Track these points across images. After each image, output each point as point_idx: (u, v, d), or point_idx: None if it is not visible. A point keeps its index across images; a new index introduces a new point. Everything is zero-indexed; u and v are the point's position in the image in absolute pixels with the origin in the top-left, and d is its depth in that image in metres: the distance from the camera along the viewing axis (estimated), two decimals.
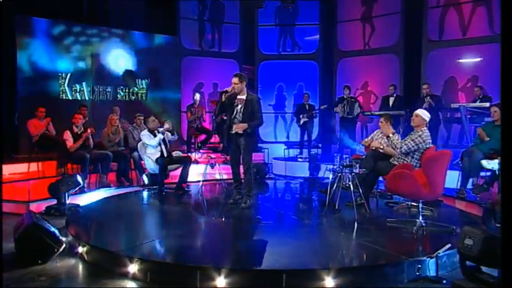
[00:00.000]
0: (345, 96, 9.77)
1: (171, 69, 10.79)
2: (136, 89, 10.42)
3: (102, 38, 10.02)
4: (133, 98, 10.41)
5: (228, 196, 6.11)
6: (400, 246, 4.08)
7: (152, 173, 6.79)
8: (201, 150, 8.87)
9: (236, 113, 5.34)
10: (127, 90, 10.27)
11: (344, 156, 5.88)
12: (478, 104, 8.08)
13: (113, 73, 10.18)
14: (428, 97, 8.71)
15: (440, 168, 4.34)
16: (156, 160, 6.44)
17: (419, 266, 3.55)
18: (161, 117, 8.28)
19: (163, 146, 6.53)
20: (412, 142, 5.12)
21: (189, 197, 6.44)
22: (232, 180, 5.84)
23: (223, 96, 5.29)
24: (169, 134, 6.69)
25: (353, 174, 5.18)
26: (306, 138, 10.50)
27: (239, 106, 5.32)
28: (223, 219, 5.19)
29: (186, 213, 5.64)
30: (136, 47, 10.40)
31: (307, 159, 9.62)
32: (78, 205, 5.93)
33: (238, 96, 5.32)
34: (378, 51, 11.27)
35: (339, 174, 5.30)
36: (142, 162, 7.07)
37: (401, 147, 5.16)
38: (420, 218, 4.51)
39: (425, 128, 5.27)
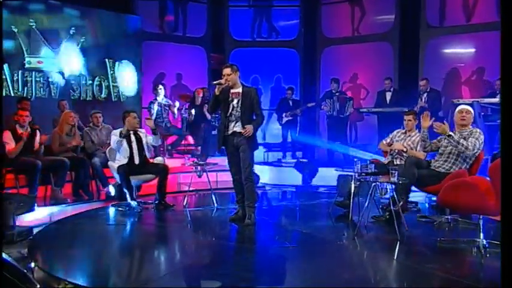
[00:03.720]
0: (334, 91, 9.49)
1: (128, 56, 9.92)
2: (104, 79, 9.42)
3: (41, 12, 8.76)
4: (102, 95, 9.43)
5: (223, 211, 5.87)
6: (476, 274, 3.73)
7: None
8: (175, 154, 8.25)
9: (232, 109, 5.10)
10: (87, 83, 9.23)
11: (368, 161, 5.57)
12: (493, 99, 8.00)
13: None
14: (425, 94, 8.61)
15: None
16: (118, 168, 5.87)
17: None
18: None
19: (135, 150, 6.00)
20: (477, 142, 4.88)
21: (175, 215, 5.90)
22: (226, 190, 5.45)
23: (216, 89, 5.07)
24: (150, 137, 6.17)
25: (391, 184, 4.78)
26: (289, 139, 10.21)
27: (235, 101, 5.09)
28: (233, 242, 4.76)
29: (179, 236, 5.07)
30: (84, 26, 9.35)
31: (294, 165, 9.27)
32: (31, 228, 5.16)
33: (233, 90, 5.10)
34: (368, 38, 11.10)
35: (373, 184, 4.90)
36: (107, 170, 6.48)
37: (473, 149, 4.87)
38: (482, 236, 4.19)
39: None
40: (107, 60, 9.47)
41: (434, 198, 6.67)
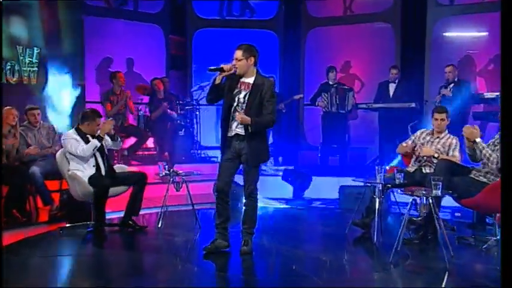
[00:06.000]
0: (331, 82, 9.42)
1: (62, 35, 9.40)
2: (16, 64, 8.81)
3: None
4: (14, 79, 8.80)
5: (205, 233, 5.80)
6: None
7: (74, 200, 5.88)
8: (133, 161, 7.89)
9: (237, 104, 4.87)
10: None
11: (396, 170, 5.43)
12: None
13: None
14: (451, 85, 8.55)
15: None
16: (90, 180, 5.57)
17: None
18: None
19: (99, 158, 5.80)
20: None
21: (148, 239, 5.75)
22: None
23: (217, 77, 4.79)
24: (109, 139, 5.98)
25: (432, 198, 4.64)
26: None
27: (242, 94, 4.86)
28: (238, 275, 4.59)
29: (159, 268, 4.76)
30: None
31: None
32: None
33: (242, 79, 4.88)
34: (364, 18, 11.03)
35: (411, 199, 4.76)
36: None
37: (498, 162, 4.81)
38: None
39: None
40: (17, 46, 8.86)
41: (457, 214, 6.65)
